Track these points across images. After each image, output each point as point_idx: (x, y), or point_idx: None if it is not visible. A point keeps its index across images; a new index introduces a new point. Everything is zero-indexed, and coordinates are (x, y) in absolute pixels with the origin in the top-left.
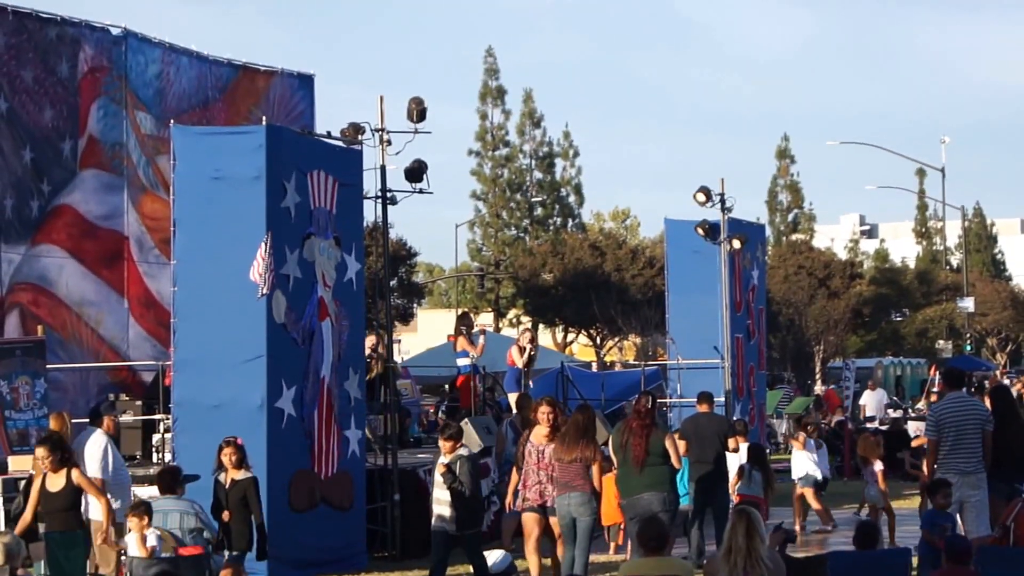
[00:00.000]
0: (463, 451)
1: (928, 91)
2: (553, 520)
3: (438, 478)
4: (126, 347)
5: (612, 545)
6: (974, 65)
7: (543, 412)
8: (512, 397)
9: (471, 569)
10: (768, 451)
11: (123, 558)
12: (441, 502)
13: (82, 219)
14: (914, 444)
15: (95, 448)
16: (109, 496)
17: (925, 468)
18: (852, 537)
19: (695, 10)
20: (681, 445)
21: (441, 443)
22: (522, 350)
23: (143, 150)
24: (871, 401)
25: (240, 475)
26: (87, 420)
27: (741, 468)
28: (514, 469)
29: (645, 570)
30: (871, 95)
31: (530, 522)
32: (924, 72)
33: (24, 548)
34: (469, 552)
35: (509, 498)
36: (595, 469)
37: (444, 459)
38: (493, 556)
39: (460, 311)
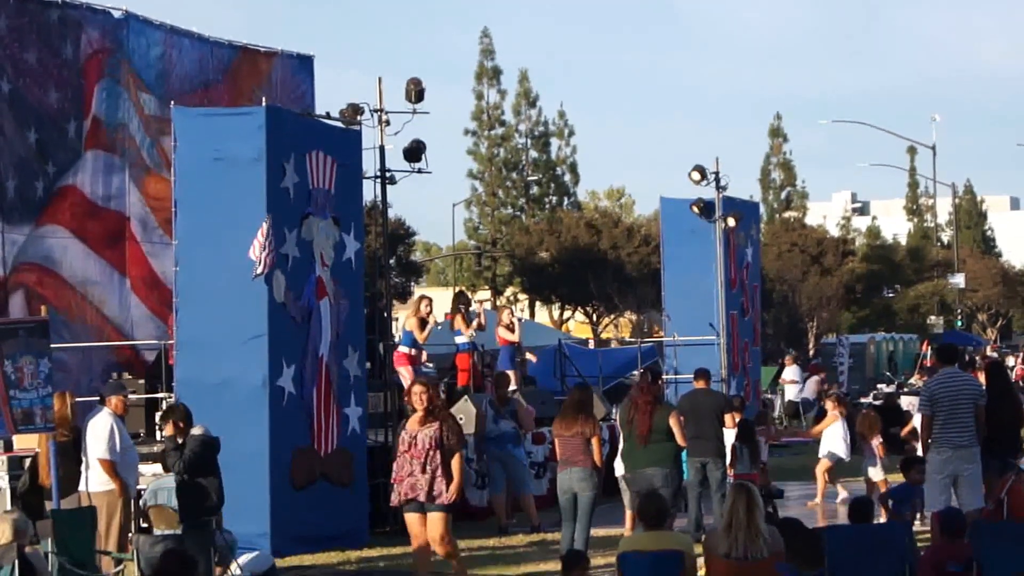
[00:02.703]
0: (197, 431)
1: (919, 70)
2: (434, 515)
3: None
4: (130, 327)
5: None
6: (965, 44)
7: (416, 393)
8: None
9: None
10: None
11: (130, 535)
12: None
13: (86, 200)
14: (905, 431)
15: (101, 428)
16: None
17: (919, 444)
18: (848, 512)
19: None
20: None
21: (166, 426)
22: (510, 327)
23: (147, 131)
24: (788, 375)
25: None
26: (96, 399)
27: (733, 448)
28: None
29: (645, 544)
30: (863, 74)
31: (412, 524)
32: (915, 51)
33: (31, 526)
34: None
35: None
36: (595, 443)
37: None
38: (250, 555)
39: (457, 289)
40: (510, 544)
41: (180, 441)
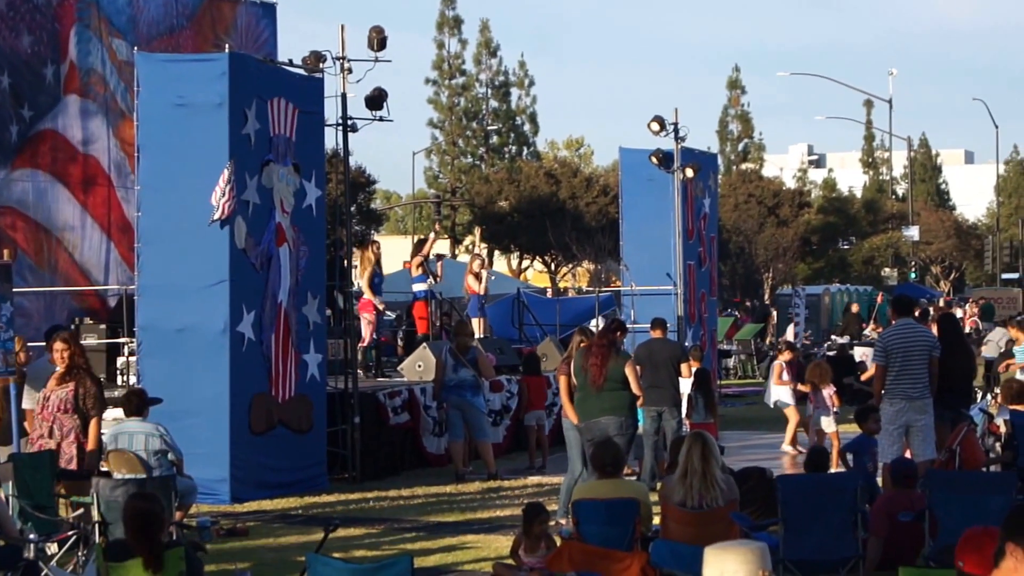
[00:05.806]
0: None
1: (877, 24)
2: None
3: None
4: (102, 272)
5: None
6: None
7: (56, 350)
8: (476, 323)
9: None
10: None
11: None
12: None
13: (66, 143)
14: (864, 377)
15: None
16: None
17: (874, 393)
18: (803, 462)
19: None
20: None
21: None
22: (478, 276)
23: (120, 76)
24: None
25: None
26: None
27: (690, 397)
28: None
29: (600, 492)
30: (821, 28)
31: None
32: (873, 5)
33: None
34: None
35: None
36: (560, 383)
37: None
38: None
39: (433, 233)
40: (466, 491)
41: None
